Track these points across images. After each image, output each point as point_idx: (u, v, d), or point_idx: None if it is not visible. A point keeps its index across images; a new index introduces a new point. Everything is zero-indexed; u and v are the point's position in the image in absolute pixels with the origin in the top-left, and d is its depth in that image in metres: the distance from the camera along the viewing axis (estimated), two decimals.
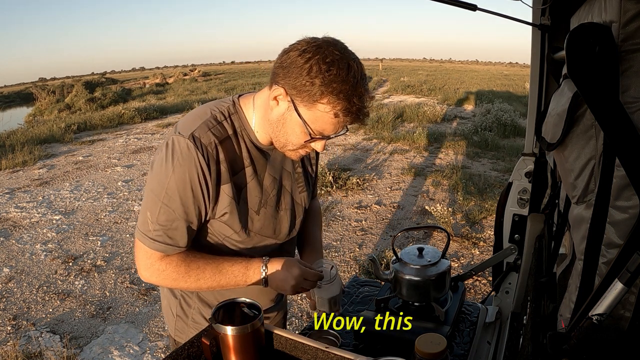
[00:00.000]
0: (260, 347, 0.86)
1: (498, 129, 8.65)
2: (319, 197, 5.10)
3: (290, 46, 0.95)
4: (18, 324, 2.97)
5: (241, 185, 1.05)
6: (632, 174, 0.76)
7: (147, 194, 1.01)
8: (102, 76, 32.48)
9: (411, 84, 19.61)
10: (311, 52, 0.90)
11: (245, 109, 1.06)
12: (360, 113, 0.94)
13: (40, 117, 14.39)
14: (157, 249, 1.02)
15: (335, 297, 1.15)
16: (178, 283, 1.06)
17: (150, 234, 1.01)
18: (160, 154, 1.00)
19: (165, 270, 1.04)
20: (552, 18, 1.58)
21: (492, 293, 1.98)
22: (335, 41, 0.94)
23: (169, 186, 0.97)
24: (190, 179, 0.97)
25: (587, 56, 0.79)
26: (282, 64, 0.94)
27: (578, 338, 0.75)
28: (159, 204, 0.99)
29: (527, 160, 1.91)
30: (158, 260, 1.04)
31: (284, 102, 0.96)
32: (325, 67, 0.89)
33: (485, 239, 4.04)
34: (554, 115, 1.15)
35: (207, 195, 1.00)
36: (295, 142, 1.00)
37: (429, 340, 0.77)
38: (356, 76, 0.91)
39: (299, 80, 0.91)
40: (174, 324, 1.23)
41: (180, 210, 0.99)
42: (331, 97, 0.90)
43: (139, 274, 1.07)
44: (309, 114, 0.94)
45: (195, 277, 1.05)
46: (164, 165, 0.98)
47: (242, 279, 1.07)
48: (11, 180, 6.32)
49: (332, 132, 0.98)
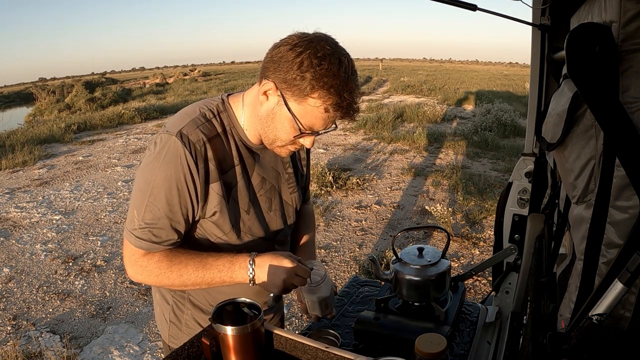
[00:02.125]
0: (260, 347, 0.86)
1: (498, 129, 8.65)
2: (319, 197, 5.13)
3: (281, 41, 0.94)
4: (18, 324, 2.97)
5: (231, 184, 1.04)
6: (632, 174, 0.76)
7: (134, 192, 1.01)
8: (102, 76, 32.47)
9: (411, 84, 19.61)
10: (302, 46, 0.90)
11: (234, 107, 1.05)
12: (351, 108, 0.93)
13: (40, 117, 14.39)
14: (141, 247, 1.01)
15: (326, 299, 1.11)
16: (161, 280, 1.03)
17: (135, 232, 1.00)
18: (147, 151, 0.99)
19: (147, 266, 1.02)
20: (552, 18, 1.58)
21: (492, 293, 1.97)
22: (326, 36, 0.93)
23: (154, 184, 0.96)
24: (176, 178, 0.96)
25: (587, 56, 0.79)
26: (272, 58, 0.93)
27: (578, 338, 0.75)
28: (145, 202, 0.98)
29: (527, 160, 1.91)
30: (141, 257, 1.02)
31: (274, 97, 0.95)
32: (317, 62, 0.88)
33: (485, 239, 4.04)
34: (554, 115, 1.15)
35: (195, 193, 0.99)
36: (284, 137, 0.99)
37: (429, 340, 0.77)
38: (347, 71, 0.91)
39: (289, 74, 0.90)
40: (167, 330, 1.21)
41: (166, 208, 0.98)
42: (322, 92, 0.90)
43: (126, 272, 1.06)
44: (299, 109, 0.93)
45: (177, 273, 1.02)
46: (151, 163, 0.97)
47: (228, 274, 1.03)
48: (11, 180, 6.32)
49: (322, 127, 0.97)
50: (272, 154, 1.10)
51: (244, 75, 31.57)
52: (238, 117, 1.05)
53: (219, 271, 1.03)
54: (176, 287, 1.09)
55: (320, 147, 7.76)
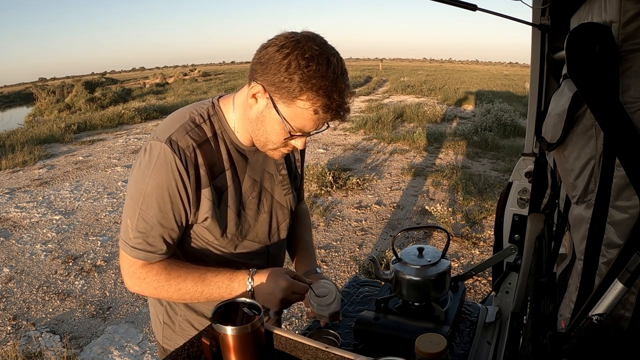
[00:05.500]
0: (260, 347, 0.86)
1: (498, 129, 8.65)
2: (319, 197, 5.13)
3: (269, 41, 0.92)
4: (18, 324, 2.97)
5: (222, 189, 1.03)
6: (632, 174, 0.76)
7: (126, 202, 0.99)
8: (102, 76, 32.48)
9: (411, 84, 19.62)
10: (290, 47, 0.88)
11: (225, 110, 1.04)
12: (341, 109, 0.92)
13: (40, 117, 14.39)
14: (137, 257, 0.99)
15: (336, 313, 1.12)
16: (159, 292, 1.02)
17: (130, 242, 0.98)
18: (138, 159, 0.98)
19: (145, 278, 1.01)
20: (552, 18, 1.58)
21: (492, 293, 1.98)
22: (315, 36, 0.91)
23: (146, 192, 0.95)
24: (167, 185, 0.95)
25: (587, 56, 0.79)
26: (260, 59, 0.92)
27: (578, 338, 0.75)
28: (137, 211, 0.96)
29: (527, 160, 1.91)
30: (139, 268, 1.01)
31: (263, 100, 0.94)
32: (304, 63, 0.86)
33: (485, 239, 4.04)
34: (554, 115, 1.15)
35: (187, 200, 0.98)
36: (275, 140, 0.98)
37: (429, 340, 0.77)
38: (336, 71, 0.89)
39: (277, 77, 0.88)
40: (161, 331, 1.20)
41: (158, 216, 0.96)
42: (310, 94, 0.88)
43: (124, 283, 1.05)
44: (288, 111, 0.92)
45: (176, 287, 1.01)
46: (141, 171, 0.96)
47: (227, 290, 1.02)
48: (11, 180, 6.32)
49: (312, 128, 0.95)
50: (264, 155, 1.09)
51: (244, 75, 31.52)
52: (229, 120, 1.03)
53: (217, 287, 1.03)
54: (174, 300, 1.07)
55: (320, 147, 7.77)
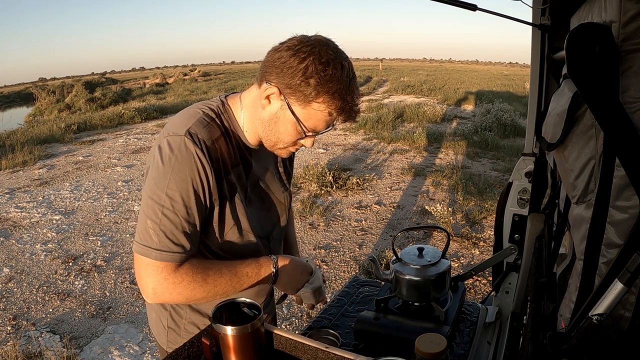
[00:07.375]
0: (260, 347, 0.86)
1: (498, 129, 8.65)
2: (319, 197, 5.13)
3: (281, 44, 0.94)
4: (18, 324, 2.97)
5: (233, 184, 1.04)
6: (632, 174, 0.76)
7: (145, 203, 0.95)
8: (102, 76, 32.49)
9: (411, 84, 19.62)
10: (306, 52, 0.91)
11: (233, 109, 1.05)
12: (353, 110, 0.97)
13: (40, 117, 14.39)
14: (165, 259, 0.94)
15: (320, 288, 1.18)
16: (195, 294, 0.99)
17: (154, 244, 0.93)
18: (154, 159, 0.95)
19: (181, 282, 0.96)
20: (552, 18, 1.58)
21: (492, 293, 1.97)
22: (327, 40, 0.95)
23: (169, 188, 0.92)
24: (192, 177, 0.93)
25: (587, 56, 0.79)
26: (274, 62, 0.94)
27: (578, 338, 0.75)
28: (160, 210, 0.92)
29: (527, 160, 1.91)
30: (171, 273, 0.95)
31: (277, 101, 0.96)
32: (321, 68, 0.90)
33: (485, 239, 4.04)
34: (554, 115, 1.15)
35: (209, 191, 0.96)
36: (287, 140, 1.01)
37: (429, 340, 0.77)
38: (349, 75, 0.94)
39: (294, 80, 0.91)
40: (165, 336, 1.18)
41: (183, 212, 0.93)
42: (326, 97, 0.92)
43: (144, 295, 0.97)
44: (303, 113, 0.95)
45: (213, 284, 1.00)
46: (160, 168, 0.92)
47: (255, 278, 1.07)
48: (11, 180, 6.32)
49: (324, 128, 1.00)
50: (265, 154, 1.11)
51: (244, 75, 31.56)
52: (238, 119, 1.05)
53: (248, 277, 1.06)
54: (206, 299, 1.04)
55: (320, 147, 7.77)
